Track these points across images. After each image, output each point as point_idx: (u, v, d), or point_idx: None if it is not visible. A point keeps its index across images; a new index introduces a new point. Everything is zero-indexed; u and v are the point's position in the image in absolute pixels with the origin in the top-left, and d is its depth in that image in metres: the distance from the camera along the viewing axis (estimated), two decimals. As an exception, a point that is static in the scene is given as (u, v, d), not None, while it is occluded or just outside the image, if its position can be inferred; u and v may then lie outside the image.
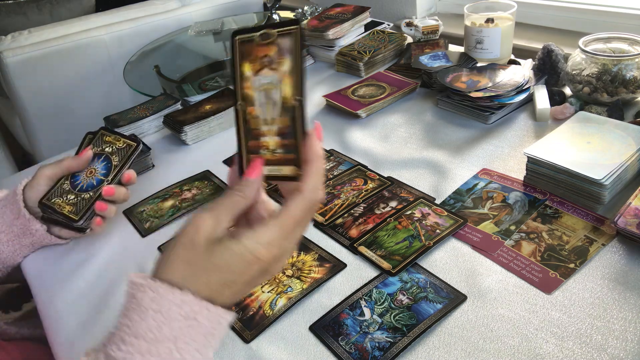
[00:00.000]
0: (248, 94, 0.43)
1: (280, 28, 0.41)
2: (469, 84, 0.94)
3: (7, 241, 0.73)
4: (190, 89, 1.16)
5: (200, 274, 0.40)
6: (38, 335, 0.77)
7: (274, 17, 1.55)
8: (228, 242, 0.40)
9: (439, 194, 0.76)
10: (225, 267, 0.40)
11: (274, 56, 0.42)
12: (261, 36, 0.42)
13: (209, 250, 0.40)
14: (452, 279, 0.61)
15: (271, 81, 0.42)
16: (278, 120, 0.42)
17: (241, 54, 0.43)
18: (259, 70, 0.42)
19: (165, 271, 0.41)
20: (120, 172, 0.74)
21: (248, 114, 0.43)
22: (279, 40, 0.41)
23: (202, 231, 0.40)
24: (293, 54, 0.41)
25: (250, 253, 0.40)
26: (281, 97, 0.42)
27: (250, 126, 0.43)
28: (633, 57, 0.83)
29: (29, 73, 1.66)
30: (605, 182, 0.64)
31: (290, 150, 0.42)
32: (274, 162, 0.43)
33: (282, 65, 0.41)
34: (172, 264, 0.41)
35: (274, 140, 0.43)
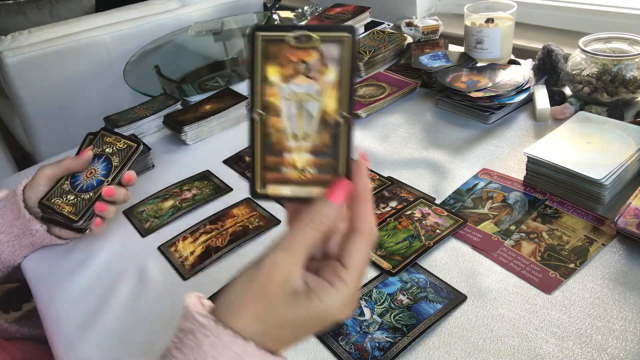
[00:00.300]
0: (271, 102, 0.37)
1: (327, 32, 0.36)
2: (469, 84, 0.94)
3: (7, 241, 0.73)
4: (190, 89, 1.16)
5: (271, 330, 0.37)
6: (38, 335, 0.77)
7: (274, 17, 1.55)
8: (306, 301, 0.36)
9: (439, 194, 0.76)
10: (300, 325, 0.37)
11: (313, 63, 0.37)
12: (297, 38, 0.36)
13: (283, 307, 0.36)
14: (452, 279, 0.61)
15: (308, 91, 0.37)
16: (314, 137, 0.37)
17: (265, 54, 0.37)
18: (290, 76, 0.37)
19: (231, 318, 0.37)
20: (121, 173, 0.74)
21: (270, 126, 0.38)
22: (322, 46, 0.36)
23: (275, 281, 0.36)
24: (341, 64, 0.36)
25: (331, 314, 0.37)
26: (321, 110, 0.37)
27: (271, 139, 0.38)
28: (633, 57, 0.83)
29: (29, 73, 1.66)
30: (605, 182, 0.64)
31: (327, 170, 0.38)
32: (300, 182, 0.38)
33: (324, 74, 0.37)
34: (240, 314, 0.37)
35: (304, 158, 0.38)
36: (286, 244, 0.37)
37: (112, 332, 0.61)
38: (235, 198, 0.82)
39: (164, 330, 0.61)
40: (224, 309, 0.38)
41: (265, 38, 0.37)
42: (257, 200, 0.39)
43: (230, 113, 1.03)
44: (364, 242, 0.38)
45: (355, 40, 0.36)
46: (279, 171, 0.38)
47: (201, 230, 0.76)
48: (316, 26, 0.37)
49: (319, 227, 0.37)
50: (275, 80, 0.37)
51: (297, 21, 1.51)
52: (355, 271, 0.38)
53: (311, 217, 0.37)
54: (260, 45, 0.37)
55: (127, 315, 0.63)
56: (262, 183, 0.39)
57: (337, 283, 0.37)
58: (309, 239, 0.37)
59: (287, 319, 0.37)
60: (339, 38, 0.36)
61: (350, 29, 0.36)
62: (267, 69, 0.37)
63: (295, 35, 0.36)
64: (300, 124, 0.37)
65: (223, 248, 0.72)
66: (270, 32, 0.37)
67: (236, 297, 0.37)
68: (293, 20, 1.54)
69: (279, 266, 0.36)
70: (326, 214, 0.37)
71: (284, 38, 0.37)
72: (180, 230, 0.77)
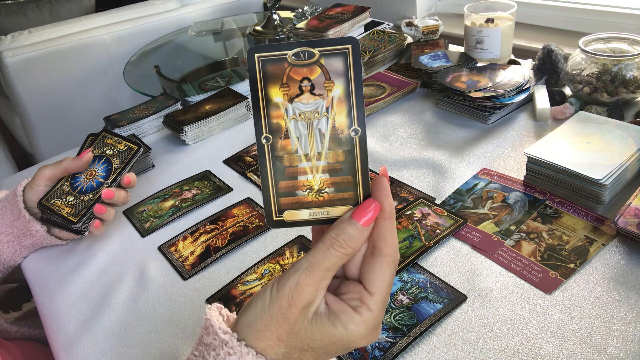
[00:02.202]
0: (278, 124, 0.36)
1: (327, 46, 0.35)
2: (469, 84, 0.94)
3: (7, 242, 0.73)
4: (190, 89, 1.16)
5: (294, 352, 0.37)
6: (38, 335, 0.77)
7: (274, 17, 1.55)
8: (330, 327, 0.36)
9: (439, 194, 0.76)
10: (322, 349, 0.37)
11: (317, 79, 0.35)
12: (296, 55, 0.35)
13: (305, 331, 0.36)
14: (452, 279, 0.61)
15: (316, 109, 0.36)
16: (327, 155, 0.36)
17: (265, 76, 0.35)
18: (295, 96, 0.36)
19: (254, 338, 0.37)
20: (121, 175, 0.74)
21: (279, 149, 0.36)
22: (323, 61, 0.35)
23: (297, 305, 0.35)
24: (347, 76, 0.35)
25: (355, 341, 0.36)
26: (331, 126, 0.36)
27: (283, 163, 0.36)
28: (633, 57, 0.83)
29: (29, 73, 1.66)
30: (605, 182, 0.64)
31: (345, 188, 0.36)
32: (318, 204, 0.37)
33: (330, 90, 0.35)
34: (262, 335, 0.36)
35: (320, 178, 0.36)
36: (309, 265, 0.36)
37: (112, 332, 0.61)
38: (235, 198, 0.82)
39: (164, 330, 0.61)
40: (246, 328, 0.37)
41: (263, 59, 0.35)
42: (274, 228, 0.38)
43: (230, 113, 1.03)
44: (387, 266, 0.36)
45: (358, 51, 0.35)
46: (294, 195, 0.37)
47: (201, 230, 0.76)
48: (315, 41, 0.35)
49: (345, 250, 0.35)
50: (279, 101, 0.36)
51: (297, 21, 1.51)
52: (380, 296, 0.37)
53: (336, 238, 0.36)
54: (259, 66, 0.35)
55: (127, 315, 0.63)
56: (278, 210, 0.37)
57: (361, 310, 0.36)
58: (333, 261, 0.35)
59: (310, 343, 0.36)
60: (341, 50, 0.35)
61: (350, 40, 0.35)
62: (270, 91, 0.36)
63: (295, 52, 0.35)
64: (311, 144, 0.36)
65: (223, 248, 0.72)
66: (268, 52, 0.35)
67: (258, 319, 0.37)
68: (293, 20, 1.54)
69: (301, 289, 0.35)
70: (352, 235, 0.36)
71: (283, 57, 0.35)
72: (180, 230, 0.77)
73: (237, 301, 0.63)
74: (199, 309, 0.63)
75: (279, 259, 0.68)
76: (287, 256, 0.68)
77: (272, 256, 0.69)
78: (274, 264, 0.67)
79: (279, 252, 0.69)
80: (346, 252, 0.36)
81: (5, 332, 0.75)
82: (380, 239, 0.37)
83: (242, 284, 0.65)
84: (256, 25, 1.59)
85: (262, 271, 0.66)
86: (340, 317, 0.36)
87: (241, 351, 0.36)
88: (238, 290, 0.64)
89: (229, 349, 0.36)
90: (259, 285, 0.64)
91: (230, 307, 0.62)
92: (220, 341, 0.37)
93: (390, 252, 0.37)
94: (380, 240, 0.37)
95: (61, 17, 2.28)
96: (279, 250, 0.69)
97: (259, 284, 0.65)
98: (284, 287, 0.36)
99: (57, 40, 1.70)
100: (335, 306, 0.37)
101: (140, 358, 0.58)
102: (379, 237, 0.37)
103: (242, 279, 0.66)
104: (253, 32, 1.57)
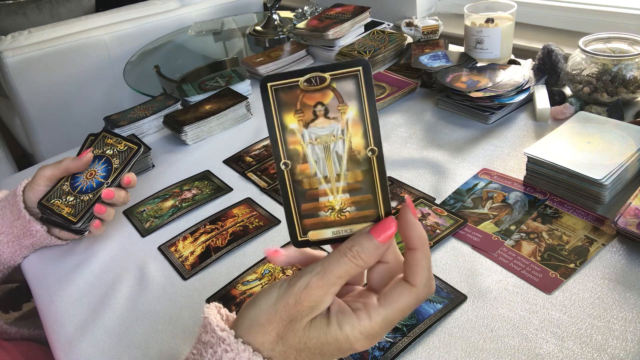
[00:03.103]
0: (296, 149, 0.37)
1: (338, 70, 0.35)
2: (469, 84, 0.94)
3: (7, 242, 0.73)
4: (190, 89, 1.16)
5: (291, 352, 0.37)
6: (38, 335, 0.77)
7: (274, 17, 1.55)
8: (327, 328, 0.36)
9: (439, 194, 0.76)
10: (318, 350, 0.37)
11: (330, 103, 0.36)
12: (308, 81, 0.36)
13: (303, 330, 0.36)
14: (452, 279, 0.61)
15: (331, 132, 0.36)
16: (346, 176, 0.37)
17: (279, 104, 0.36)
18: (310, 121, 0.36)
19: (253, 333, 0.37)
20: (121, 175, 0.74)
21: (298, 174, 0.37)
22: (335, 84, 0.36)
23: (303, 305, 0.36)
24: (359, 98, 0.35)
25: (349, 343, 0.36)
26: (348, 148, 0.36)
27: (304, 187, 0.37)
28: (633, 57, 0.83)
29: (29, 73, 1.66)
30: (605, 182, 0.64)
31: (366, 206, 0.37)
32: (340, 222, 0.38)
33: (344, 112, 0.36)
34: (263, 330, 0.37)
35: (340, 198, 0.37)
36: (322, 270, 0.36)
37: (112, 332, 0.61)
38: (235, 198, 0.82)
39: (164, 330, 0.61)
40: (247, 323, 0.37)
41: (276, 87, 0.36)
42: (300, 248, 0.39)
43: (230, 113, 1.03)
44: (407, 293, 0.37)
45: (369, 72, 0.35)
46: (316, 216, 0.38)
47: (201, 230, 0.76)
48: (326, 66, 0.36)
49: (357, 261, 0.36)
50: (295, 127, 0.36)
51: (297, 21, 1.51)
52: (386, 311, 0.36)
53: (350, 249, 0.36)
54: (273, 95, 0.36)
55: (127, 315, 0.63)
56: (302, 231, 0.38)
57: (360, 314, 0.36)
58: (345, 269, 0.36)
59: (306, 342, 0.36)
60: (352, 72, 0.35)
61: (361, 62, 0.35)
62: (285, 118, 0.36)
63: (306, 79, 0.36)
64: (330, 166, 0.37)
65: (223, 248, 0.72)
66: (281, 80, 0.36)
67: (262, 313, 0.37)
68: (293, 20, 1.54)
69: (311, 290, 0.36)
70: (366, 247, 0.36)
71: (296, 83, 0.36)
72: (180, 230, 0.77)
73: (237, 301, 0.63)
74: (199, 309, 0.63)
75: (279, 259, 0.68)
76: (287, 256, 0.68)
77: (272, 256, 0.69)
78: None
79: (279, 252, 0.69)
80: (358, 263, 0.36)
81: (5, 333, 0.75)
82: (409, 269, 0.37)
83: (242, 284, 0.65)
84: (256, 25, 1.59)
85: (262, 271, 0.66)
86: (337, 316, 0.37)
87: (238, 348, 0.36)
88: (238, 290, 0.64)
89: (226, 346, 0.37)
90: (259, 285, 0.64)
91: (230, 307, 0.62)
92: (218, 338, 0.37)
93: (418, 283, 0.36)
94: (409, 270, 0.37)
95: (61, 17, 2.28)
96: (279, 250, 0.69)
97: (259, 284, 0.65)
98: (294, 286, 0.36)
99: (57, 40, 1.70)
100: (335, 306, 0.37)
101: (140, 358, 0.58)
102: (408, 267, 0.37)
103: (242, 279, 0.66)
104: (253, 32, 1.57)
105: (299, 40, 1.35)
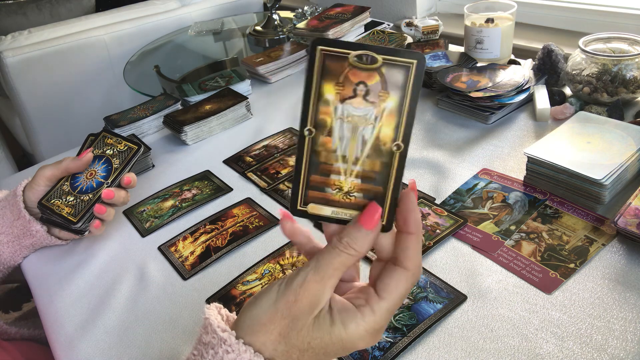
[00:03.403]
0: (324, 120, 0.36)
1: (393, 56, 0.34)
2: (469, 84, 0.94)
3: (7, 242, 0.73)
4: (190, 89, 1.15)
5: (293, 351, 0.37)
6: (38, 335, 0.77)
7: (274, 17, 1.55)
8: (331, 327, 0.36)
9: (439, 194, 0.76)
10: (322, 350, 0.37)
11: (373, 86, 0.35)
12: (359, 58, 0.34)
13: (306, 330, 0.36)
14: (452, 279, 0.61)
15: (364, 115, 0.35)
16: (364, 162, 0.36)
17: (323, 70, 0.35)
18: (348, 97, 0.35)
19: (255, 334, 0.37)
20: (121, 175, 0.74)
21: (319, 145, 0.36)
22: (384, 70, 0.34)
23: (303, 302, 0.36)
24: (403, 91, 0.35)
25: (353, 343, 0.36)
26: (375, 136, 0.36)
27: (319, 159, 0.37)
28: (633, 57, 0.83)
29: (29, 73, 1.66)
30: (605, 182, 0.64)
31: (373, 197, 0.37)
32: (343, 204, 0.37)
33: (383, 100, 0.35)
34: (265, 329, 0.36)
35: (351, 182, 0.37)
36: (316, 264, 0.36)
37: (112, 332, 0.61)
38: (235, 198, 0.82)
39: (164, 330, 0.61)
40: (248, 323, 0.37)
41: (325, 52, 0.35)
42: (296, 216, 0.38)
43: (230, 113, 1.03)
44: (404, 278, 0.37)
45: (422, 68, 0.34)
46: (322, 191, 0.37)
47: (201, 230, 0.76)
48: (383, 48, 0.34)
49: (349, 252, 0.36)
50: (330, 98, 0.35)
51: (297, 21, 1.51)
52: (388, 303, 0.37)
53: (341, 240, 0.36)
54: (320, 59, 0.35)
55: (127, 315, 0.63)
56: (304, 201, 0.38)
57: (364, 310, 0.36)
58: (339, 261, 0.36)
59: (310, 342, 0.36)
60: (405, 64, 0.34)
61: (418, 56, 0.34)
62: (324, 86, 0.35)
63: (357, 54, 0.34)
64: (352, 147, 0.36)
65: (223, 248, 0.72)
66: (332, 46, 0.35)
67: (262, 313, 0.37)
68: (293, 20, 1.54)
69: (308, 285, 0.36)
70: (355, 237, 0.36)
71: (346, 55, 0.35)
72: (180, 230, 0.77)
73: (237, 301, 0.63)
74: (199, 309, 0.63)
75: (279, 259, 0.68)
76: (287, 256, 0.68)
77: (272, 256, 0.69)
78: (274, 264, 0.67)
79: (279, 252, 0.69)
80: (350, 253, 0.36)
81: (5, 334, 0.75)
82: (402, 252, 0.37)
83: (242, 284, 0.65)
84: (256, 25, 1.59)
85: (262, 271, 0.66)
86: (341, 314, 0.36)
87: (239, 349, 0.36)
88: (238, 290, 0.64)
89: (227, 347, 0.36)
90: (259, 285, 0.64)
91: (230, 307, 0.62)
92: (219, 339, 0.37)
93: (412, 267, 0.37)
94: (402, 254, 0.37)
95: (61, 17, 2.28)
96: (279, 250, 0.69)
97: (259, 284, 0.65)
98: (292, 283, 0.36)
99: (57, 40, 1.70)
100: (337, 304, 0.37)
101: (140, 358, 0.58)
102: (402, 251, 0.37)
103: (242, 279, 0.66)
104: (253, 32, 1.57)
105: (299, 40, 1.35)
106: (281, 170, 0.87)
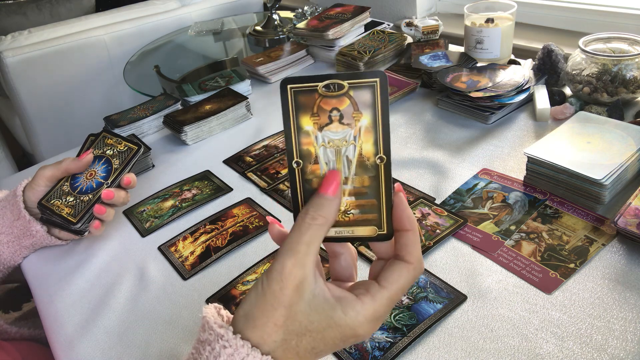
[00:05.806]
0: (308, 150, 0.39)
1: (356, 79, 0.37)
2: (469, 84, 0.94)
3: (7, 242, 0.73)
4: (190, 89, 1.15)
5: (291, 337, 0.37)
6: (38, 335, 0.77)
7: (274, 17, 1.55)
8: (331, 312, 0.36)
9: (439, 194, 0.76)
10: (320, 335, 0.37)
11: (345, 110, 0.38)
12: (327, 87, 0.37)
13: (302, 312, 0.36)
14: (452, 279, 0.61)
15: (344, 137, 0.38)
16: (354, 180, 0.39)
17: (297, 105, 0.38)
18: (325, 124, 0.38)
19: (250, 328, 0.37)
20: (121, 176, 0.74)
21: (309, 173, 0.39)
22: (352, 93, 0.37)
23: (288, 286, 0.36)
24: (374, 108, 0.37)
25: (353, 330, 0.37)
26: (358, 153, 0.38)
27: (312, 186, 0.39)
28: (633, 57, 0.83)
29: (29, 73, 1.66)
30: (605, 182, 0.64)
31: (370, 210, 0.39)
32: (344, 223, 0.40)
33: (358, 120, 0.38)
34: (259, 323, 0.37)
35: (346, 201, 0.39)
36: (289, 246, 0.37)
37: (112, 332, 0.61)
38: (235, 198, 0.82)
39: (164, 330, 0.61)
40: (243, 319, 0.37)
41: (295, 89, 0.38)
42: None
43: (230, 113, 1.03)
44: (406, 270, 0.38)
45: (385, 84, 0.37)
46: None
47: (201, 230, 0.76)
48: (345, 74, 0.37)
49: (318, 220, 0.37)
50: (309, 129, 0.38)
51: (297, 21, 1.51)
52: (388, 291, 0.38)
53: (306, 213, 0.37)
54: (292, 97, 0.38)
55: (127, 315, 0.63)
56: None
57: (364, 298, 0.37)
58: (310, 234, 0.37)
59: (307, 325, 0.36)
60: (369, 83, 0.37)
61: (379, 74, 0.37)
62: (301, 119, 0.38)
63: (325, 84, 0.37)
64: (339, 169, 0.39)
65: (223, 248, 0.72)
66: (300, 83, 0.38)
67: (253, 308, 0.37)
68: (293, 20, 1.54)
69: (288, 269, 0.36)
70: (320, 205, 0.37)
71: (315, 88, 0.38)
72: (180, 230, 0.77)
73: (237, 301, 0.63)
74: (199, 309, 0.63)
75: (279, 259, 0.68)
76: (287, 256, 0.68)
77: (272, 256, 0.69)
78: (274, 264, 0.67)
79: (279, 252, 0.69)
80: (319, 222, 0.37)
81: (5, 333, 0.75)
82: (403, 249, 0.39)
83: (242, 284, 0.65)
84: (256, 25, 1.59)
85: (262, 271, 0.66)
86: (341, 302, 0.37)
87: (236, 344, 0.36)
88: (238, 291, 0.64)
89: (225, 342, 0.36)
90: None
91: (230, 307, 0.62)
92: (216, 335, 0.37)
93: (414, 261, 0.38)
94: (403, 250, 0.39)
95: (61, 17, 2.28)
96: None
97: (259, 284, 0.65)
98: (272, 273, 0.36)
99: (57, 40, 1.70)
100: (337, 292, 0.38)
101: (140, 358, 0.58)
102: (402, 247, 0.39)
103: (242, 279, 0.66)
104: (253, 32, 1.57)
105: (299, 40, 1.35)
106: (281, 170, 0.87)
